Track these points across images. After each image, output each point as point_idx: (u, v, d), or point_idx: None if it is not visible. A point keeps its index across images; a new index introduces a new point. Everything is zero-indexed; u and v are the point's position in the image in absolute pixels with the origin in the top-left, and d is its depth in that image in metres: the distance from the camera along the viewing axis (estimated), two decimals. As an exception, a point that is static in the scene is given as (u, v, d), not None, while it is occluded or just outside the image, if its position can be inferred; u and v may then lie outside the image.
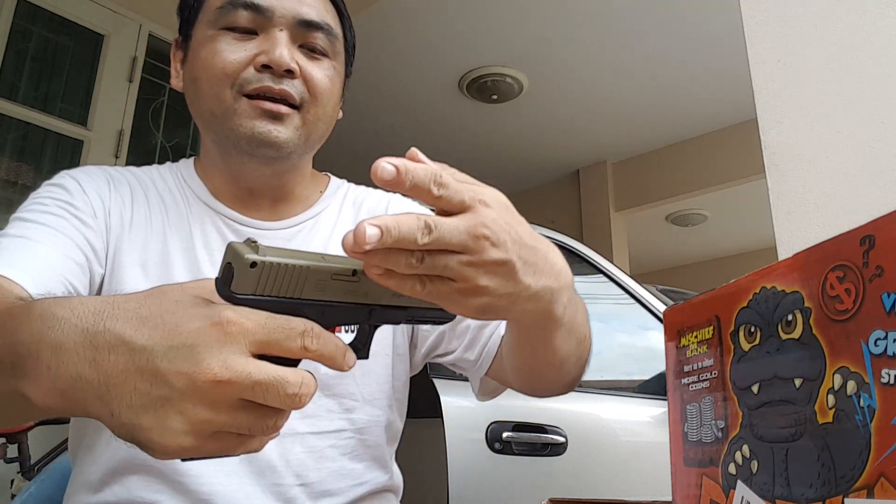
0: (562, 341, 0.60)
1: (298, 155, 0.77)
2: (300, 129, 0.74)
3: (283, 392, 0.36)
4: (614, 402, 1.90)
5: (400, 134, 4.00)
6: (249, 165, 0.76)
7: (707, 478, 0.49)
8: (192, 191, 0.80)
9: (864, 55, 0.83)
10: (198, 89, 0.74)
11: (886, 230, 0.35)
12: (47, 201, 0.71)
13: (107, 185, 0.76)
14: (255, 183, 0.78)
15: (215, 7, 0.74)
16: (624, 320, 2.11)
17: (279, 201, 0.81)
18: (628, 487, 1.65)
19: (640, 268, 5.53)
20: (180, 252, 0.75)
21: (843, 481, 0.36)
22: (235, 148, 0.74)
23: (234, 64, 0.71)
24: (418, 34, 3.23)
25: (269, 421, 0.38)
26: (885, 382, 0.34)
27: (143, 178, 0.80)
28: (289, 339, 0.37)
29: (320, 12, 0.76)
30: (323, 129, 0.78)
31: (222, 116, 0.72)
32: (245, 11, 0.72)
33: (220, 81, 0.71)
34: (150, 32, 2.75)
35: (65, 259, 0.66)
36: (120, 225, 0.74)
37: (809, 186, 0.84)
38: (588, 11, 3.08)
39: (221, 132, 0.73)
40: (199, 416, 0.35)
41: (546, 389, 0.74)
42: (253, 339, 0.36)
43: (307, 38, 0.75)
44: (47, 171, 2.49)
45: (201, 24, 0.75)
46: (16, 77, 2.42)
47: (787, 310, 0.42)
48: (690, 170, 4.23)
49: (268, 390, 0.36)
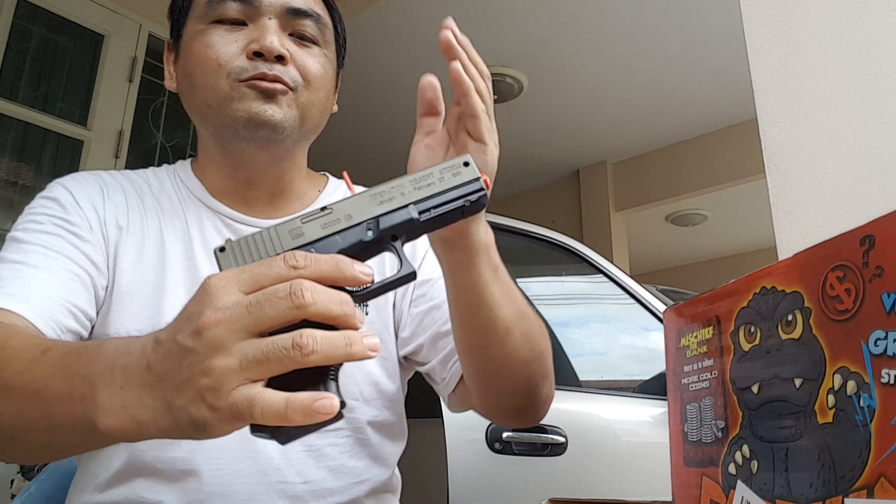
0: (499, 298, 0.61)
1: (294, 140, 0.77)
2: (294, 109, 0.74)
3: (278, 297, 0.37)
4: (614, 402, 1.90)
5: (400, 134, 4.00)
6: (247, 151, 0.76)
7: (707, 478, 0.49)
8: (190, 190, 0.80)
9: (864, 55, 0.83)
10: (192, 84, 0.75)
11: (886, 230, 0.35)
12: (42, 219, 0.70)
13: (100, 193, 0.76)
14: (253, 172, 0.78)
15: (204, 2, 0.75)
16: (624, 320, 2.11)
17: (277, 196, 0.81)
18: (628, 487, 1.65)
19: (640, 268, 5.53)
20: (178, 252, 0.75)
21: (843, 481, 0.36)
22: (233, 135, 0.74)
23: (226, 54, 0.72)
24: (418, 34, 3.23)
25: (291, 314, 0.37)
26: (885, 382, 0.34)
27: (137, 181, 0.80)
28: (272, 267, 0.38)
29: (307, 1, 0.77)
30: (317, 115, 0.78)
31: (218, 105, 0.73)
32: (233, 3, 0.73)
33: (215, 72, 0.72)
34: (150, 32, 2.75)
35: (66, 281, 0.66)
36: (117, 232, 0.74)
37: (809, 186, 0.84)
38: (588, 11, 3.08)
39: (218, 121, 0.74)
40: (242, 355, 0.37)
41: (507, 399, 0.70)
42: (238, 281, 0.39)
43: (296, 26, 0.76)
44: (47, 171, 2.49)
45: (191, 21, 0.77)
46: (16, 77, 2.42)
47: (787, 310, 0.42)
48: (690, 170, 4.23)
49: (262, 303, 0.37)
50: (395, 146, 4.29)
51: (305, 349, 0.36)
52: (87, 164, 2.49)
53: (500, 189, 5.22)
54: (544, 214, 4.52)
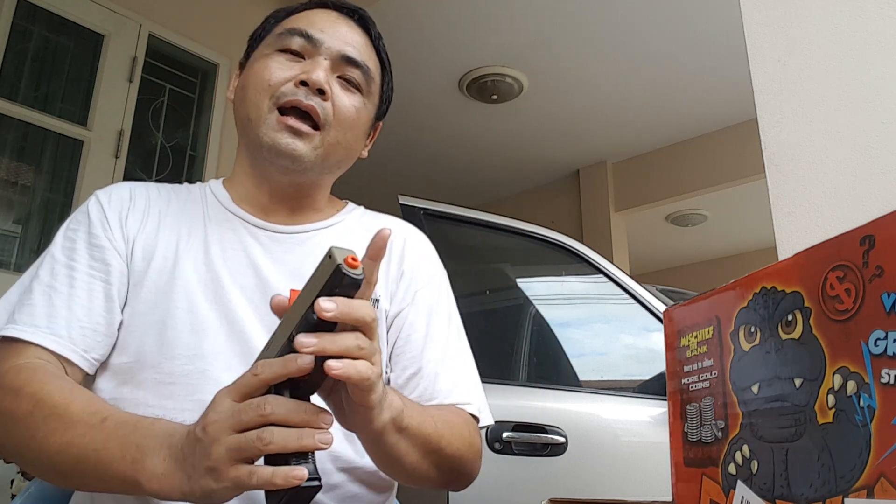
0: (406, 448, 0.69)
1: (316, 173, 0.85)
2: (319, 148, 0.82)
3: (251, 408, 0.53)
4: (614, 402, 1.90)
5: (400, 134, 4.00)
6: (270, 171, 0.84)
7: (707, 478, 0.49)
8: (216, 197, 0.87)
9: (864, 55, 0.83)
10: (244, 96, 0.84)
11: (886, 230, 0.35)
12: (73, 235, 0.79)
13: (129, 201, 0.83)
14: (275, 187, 0.86)
15: (277, 33, 0.86)
16: (624, 320, 2.11)
17: (296, 211, 0.88)
18: (628, 487, 1.65)
19: (640, 268, 5.53)
20: (193, 246, 0.81)
21: (843, 481, 0.36)
22: (259, 154, 0.83)
23: (277, 79, 0.81)
24: (418, 34, 3.23)
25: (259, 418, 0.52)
26: (885, 382, 0.34)
27: (166, 188, 0.88)
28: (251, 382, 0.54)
29: (362, 54, 0.86)
30: (342, 154, 0.86)
31: (255, 123, 0.82)
32: (299, 38, 0.84)
33: (263, 91, 0.81)
34: (150, 32, 2.74)
35: (91, 302, 0.75)
36: (137, 226, 0.81)
37: (809, 186, 0.84)
38: (588, 11, 3.08)
39: (252, 136, 0.82)
40: (227, 445, 0.52)
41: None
42: (233, 392, 0.54)
43: (345, 71, 0.85)
44: (47, 171, 2.49)
45: (262, 46, 0.87)
46: (16, 77, 2.42)
47: (787, 310, 0.42)
48: (690, 170, 4.23)
49: (240, 411, 0.53)
50: (394, 146, 4.29)
51: (264, 441, 0.51)
52: (87, 165, 2.49)
53: (501, 189, 5.24)
54: (544, 214, 4.52)
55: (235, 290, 0.78)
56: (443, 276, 0.93)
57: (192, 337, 0.75)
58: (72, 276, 0.76)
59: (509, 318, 2.10)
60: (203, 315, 0.76)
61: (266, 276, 0.80)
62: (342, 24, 0.87)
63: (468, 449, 0.78)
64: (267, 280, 0.79)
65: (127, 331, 0.76)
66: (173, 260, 0.79)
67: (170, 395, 0.72)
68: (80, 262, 0.77)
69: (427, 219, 1.83)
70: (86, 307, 0.74)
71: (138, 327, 0.75)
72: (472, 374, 0.88)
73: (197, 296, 0.77)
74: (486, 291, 2.18)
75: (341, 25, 0.87)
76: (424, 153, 4.33)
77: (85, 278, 0.76)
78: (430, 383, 0.82)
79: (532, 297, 2.21)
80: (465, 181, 4.70)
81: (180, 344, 0.74)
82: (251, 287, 0.79)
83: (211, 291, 0.78)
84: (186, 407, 0.71)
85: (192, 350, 0.74)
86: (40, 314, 0.72)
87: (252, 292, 0.79)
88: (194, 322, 0.75)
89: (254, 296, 0.78)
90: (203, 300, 0.77)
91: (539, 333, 2.07)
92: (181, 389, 0.73)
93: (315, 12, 0.88)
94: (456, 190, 4.69)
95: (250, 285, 0.79)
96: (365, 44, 0.88)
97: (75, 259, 0.77)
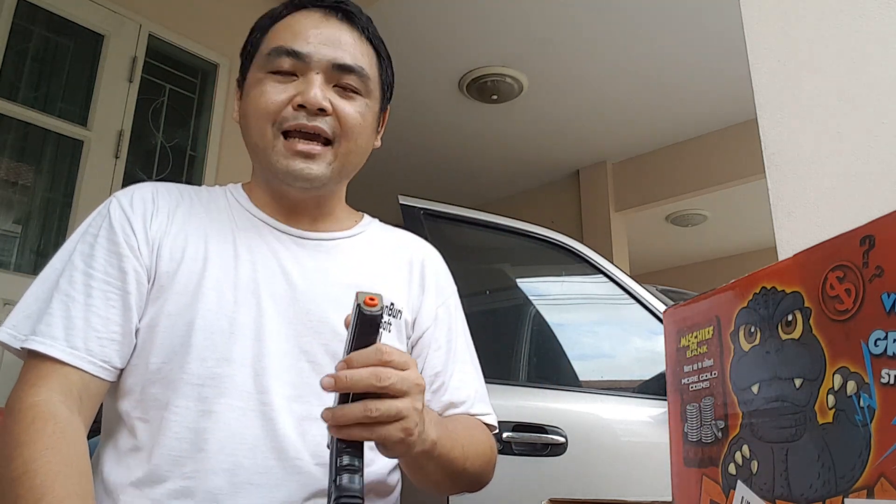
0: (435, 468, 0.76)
1: (335, 182, 0.87)
2: (333, 163, 0.83)
3: None
4: (614, 402, 1.90)
5: (400, 134, 4.00)
6: (288, 191, 0.86)
7: (707, 478, 0.49)
8: (239, 202, 0.88)
9: (864, 55, 0.83)
10: (248, 124, 0.85)
11: (886, 230, 0.35)
12: (92, 240, 0.78)
13: (152, 203, 0.83)
14: (294, 203, 0.88)
15: (265, 53, 0.85)
16: (624, 320, 2.11)
17: (318, 220, 0.90)
18: (628, 487, 1.65)
19: (640, 268, 5.53)
20: (221, 249, 0.81)
21: (843, 481, 0.36)
22: (275, 178, 0.84)
23: (275, 104, 0.81)
24: (418, 34, 3.23)
25: None
26: (885, 382, 0.34)
27: (188, 190, 0.89)
28: None
29: (354, 56, 0.85)
30: (357, 160, 0.88)
31: (263, 150, 0.83)
32: (287, 57, 0.82)
33: (264, 119, 0.82)
34: (150, 32, 2.74)
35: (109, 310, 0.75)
36: (162, 229, 0.81)
37: (809, 186, 0.84)
38: (588, 11, 3.08)
39: (265, 163, 0.84)
40: None
41: None
42: None
43: (340, 80, 0.84)
44: (47, 171, 2.49)
45: (253, 68, 0.86)
46: (16, 77, 2.41)
47: (787, 310, 0.42)
48: (690, 170, 4.23)
49: None
50: (394, 146, 4.29)
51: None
52: (86, 165, 2.49)
53: (501, 189, 5.24)
54: (544, 214, 4.52)
55: (265, 294, 0.79)
56: (455, 291, 0.98)
57: (221, 339, 0.75)
58: (89, 283, 0.75)
59: (509, 318, 2.10)
60: (233, 318, 0.77)
61: (294, 281, 0.81)
62: (326, 26, 0.84)
63: (486, 464, 0.86)
64: (295, 284, 0.81)
65: (154, 331, 0.76)
66: (203, 262, 0.79)
67: (197, 396, 0.73)
68: (98, 269, 0.76)
69: (427, 219, 1.83)
70: (102, 317, 0.74)
71: (167, 328, 0.76)
72: (482, 383, 0.94)
73: (227, 298, 0.77)
74: (486, 291, 2.18)
75: (326, 27, 0.84)
76: (424, 153, 4.33)
77: (102, 286, 0.76)
78: (451, 396, 0.88)
79: (532, 297, 2.20)
80: (465, 181, 4.70)
81: (209, 346, 0.75)
82: (280, 291, 0.80)
83: (241, 294, 0.78)
84: (214, 409, 0.72)
85: (221, 353, 0.75)
86: (58, 325, 0.72)
87: (281, 297, 0.80)
88: (224, 325, 0.76)
89: (282, 300, 0.80)
90: (233, 303, 0.77)
91: (539, 333, 2.07)
92: (209, 392, 0.73)
93: (296, 18, 0.85)
94: (456, 190, 4.69)
95: (280, 290, 0.80)
96: (354, 40, 0.86)
97: (93, 266, 0.76)
